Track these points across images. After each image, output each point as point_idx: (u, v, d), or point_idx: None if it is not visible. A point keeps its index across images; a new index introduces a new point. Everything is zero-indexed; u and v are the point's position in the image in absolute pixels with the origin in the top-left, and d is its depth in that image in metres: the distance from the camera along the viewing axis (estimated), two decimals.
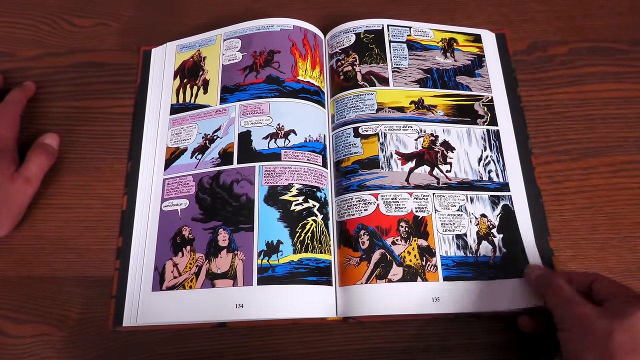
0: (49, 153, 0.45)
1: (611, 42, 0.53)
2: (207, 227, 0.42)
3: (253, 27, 0.50)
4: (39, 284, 0.43)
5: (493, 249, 0.43)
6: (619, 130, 0.49)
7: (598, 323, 0.31)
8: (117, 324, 0.41)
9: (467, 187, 0.45)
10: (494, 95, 0.49)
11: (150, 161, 0.47)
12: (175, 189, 0.45)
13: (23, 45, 0.52)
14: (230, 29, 0.51)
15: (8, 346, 0.41)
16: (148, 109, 0.49)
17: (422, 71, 0.49)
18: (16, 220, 0.43)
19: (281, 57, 0.48)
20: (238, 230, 0.42)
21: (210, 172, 0.44)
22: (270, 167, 0.44)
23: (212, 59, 0.50)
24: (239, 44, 0.50)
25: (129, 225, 0.44)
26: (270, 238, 0.41)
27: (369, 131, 0.46)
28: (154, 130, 0.48)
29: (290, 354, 0.41)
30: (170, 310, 0.40)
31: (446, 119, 0.47)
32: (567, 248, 0.44)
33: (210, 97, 0.48)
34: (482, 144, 0.47)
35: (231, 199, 0.43)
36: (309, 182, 0.44)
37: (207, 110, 0.47)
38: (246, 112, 0.46)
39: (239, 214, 0.42)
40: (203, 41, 0.51)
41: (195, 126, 0.47)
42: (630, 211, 0.46)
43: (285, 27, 0.49)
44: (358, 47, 0.49)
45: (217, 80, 0.49)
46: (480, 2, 0.55)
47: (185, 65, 0.50)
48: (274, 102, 0.46)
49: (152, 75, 0.51)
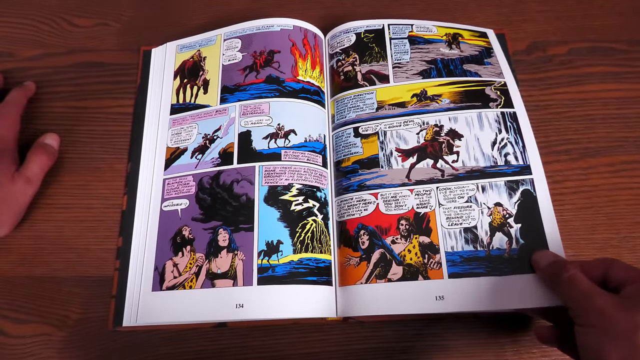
0: (49, 153, 0.45)
1: (611, 42, 0.53)
2: (207, 227, 0.42)
3: (253, 27, 0.50)
4: (38, 284, 0.43)
5: (509, 240, 0.40)
6: (619, 130, 0.49)
7: (620, 317, 0.29)
8: (117, 324, 0.41)
9: (478, 175, 0.43)
10: (507, 81, 0.47)
11: (151, 161, 0.47)
12: (176, 189, 0.45)
13: (23, 45, 0.52)
14: (231, 29, 0.51)
15: (8, 346, 0.41)
16: (148, 109, 0.49)
17: (425, 62, 0.48)
18: (16, 220, 0.43)
19: (281, 57, 0.48)
20: (238, 230, 0.42)
21: (211, 172, 0.45)
22: (270, 167, 0.44)
23: (212, 59, 0.50)
24: (239, 44, 0.50)
25: (129, 225, 0.44)
26: (270, 238, 0.41)
27: (369, 130, 0.46)
28: (154, 130, 0.48)
29: (290, 354, 0.41)
30: (170, 310, 0.40)
31: (452, 106, 0.46)
32: (567, 248, 0.44)
33: (211, 97, 0.48)
34: (497, 126, 0.45)
35: (231, 198, 0.43)
36: (309, 182, 0.44)
37: (207, 110, 0.48)
38: (246, 112, 0.46)
39: (239, 214, 0.42)
40: (203, 41, 0.51)
41: (196, 126, 0.47)
42: (630, 211, 0.46)
43: (286, 27, 0.49)
44: (358, 47, 0.49)
45: (217, 80, 0.49)
46: (480, 2, 0.55)
47: (186, 65, 0.50)
48: (274, 102, 0.46)
49: (152, 75, 0.51)
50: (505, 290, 0.38)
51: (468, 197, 0.42)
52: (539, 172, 0.43)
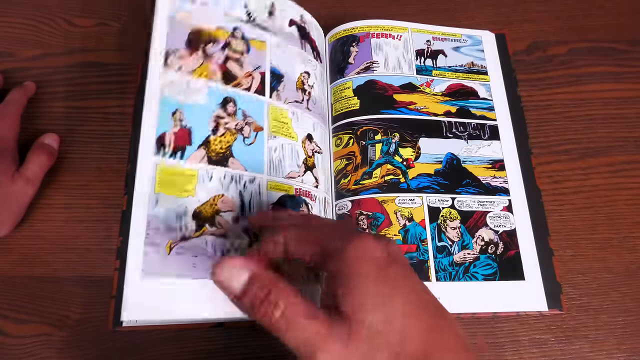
0: (49, 153, 0.45)
1: (611, 42, 0.53)
2: None
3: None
4: (38, 284, 0.43)
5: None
6: (619, 130, 0.49)
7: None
8: (117, 324, 0.41)
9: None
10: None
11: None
12: None
13: (23, 45, 0.52)
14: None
15: (8, 346, 0.41)
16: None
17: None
18: (16, 220, 0.43)
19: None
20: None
21: None
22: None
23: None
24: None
25: (128, 225, 0.44)
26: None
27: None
28: (154, 130, 0.48)
29: (290, 354, 0.41)
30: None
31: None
32: (567, 248, 0.44)
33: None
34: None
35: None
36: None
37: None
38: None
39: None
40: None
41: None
42: (630, 211, 0.46)
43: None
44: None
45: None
46: (480, 2, 0.55)
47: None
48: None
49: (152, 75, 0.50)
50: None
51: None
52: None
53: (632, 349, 0.41)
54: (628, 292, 0.43)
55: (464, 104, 0.48)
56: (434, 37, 0.50)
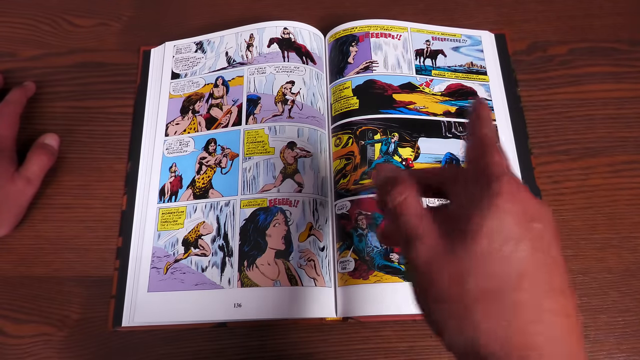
0: (49, 153, 0.45)
1: (611, 42, 0.53)
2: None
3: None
4: (38, 284, 0.43)
5: None
6: (619, 130, 0.49)
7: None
8: (117, 324, 0.41)
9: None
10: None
11: (150, 161, 0.47)
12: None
13: (23, 45, 0.52)
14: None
15: (8, 346, 0.41)
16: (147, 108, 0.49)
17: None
18: (16, 220, 0.43)
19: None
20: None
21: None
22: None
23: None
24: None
25: (128, 225, 0.44)
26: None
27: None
28: (154, 130, 0.48)
29: (290, 354, 0.41)
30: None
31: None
32: (567, 248, 0.44)
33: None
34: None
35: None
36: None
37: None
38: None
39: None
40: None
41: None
42: (630, 211, 0.46)
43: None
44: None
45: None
46: (480, 2, 0.55)
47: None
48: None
49: (151, 75, 0.51)
50: None
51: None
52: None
53: (632, 349, 0.41)
54: (628, 292, 0.43)
55: (464, 104, 0.48)
56: (433, 37, 0.50)
